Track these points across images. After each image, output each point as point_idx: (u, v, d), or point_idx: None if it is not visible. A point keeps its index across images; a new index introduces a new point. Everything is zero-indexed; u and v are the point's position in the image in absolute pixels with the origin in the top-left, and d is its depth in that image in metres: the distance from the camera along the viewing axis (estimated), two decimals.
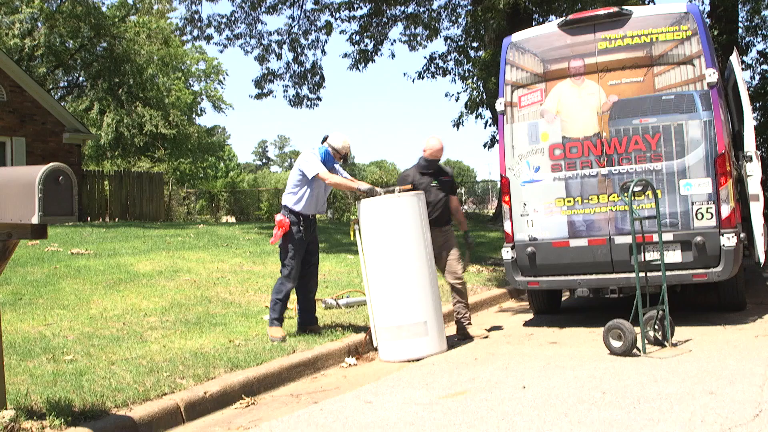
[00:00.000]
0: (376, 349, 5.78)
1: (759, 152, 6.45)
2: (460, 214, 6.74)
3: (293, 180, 6.05)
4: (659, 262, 5.57)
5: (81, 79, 32.04)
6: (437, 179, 6.47)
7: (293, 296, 6.27)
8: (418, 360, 5.51)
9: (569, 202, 6.50)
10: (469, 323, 6.47)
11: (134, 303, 7.18)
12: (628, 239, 6.01)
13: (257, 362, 4.95)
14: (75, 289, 7.76)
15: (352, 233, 6.13)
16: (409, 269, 5.69)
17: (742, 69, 6.91)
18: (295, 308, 6.42)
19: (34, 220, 3.25)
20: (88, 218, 20.52)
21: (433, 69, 20.69)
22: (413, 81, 18.31)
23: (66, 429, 3.55)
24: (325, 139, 6.12)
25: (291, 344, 5.51)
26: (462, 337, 6.39)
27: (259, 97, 19.25)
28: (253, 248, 11.79)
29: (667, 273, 5.84)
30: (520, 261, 6.69)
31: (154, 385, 4.28)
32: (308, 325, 6.11)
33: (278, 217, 5.98)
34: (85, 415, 3.75)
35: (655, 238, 5.86)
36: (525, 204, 6.69)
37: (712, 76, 6.06)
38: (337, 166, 6.20)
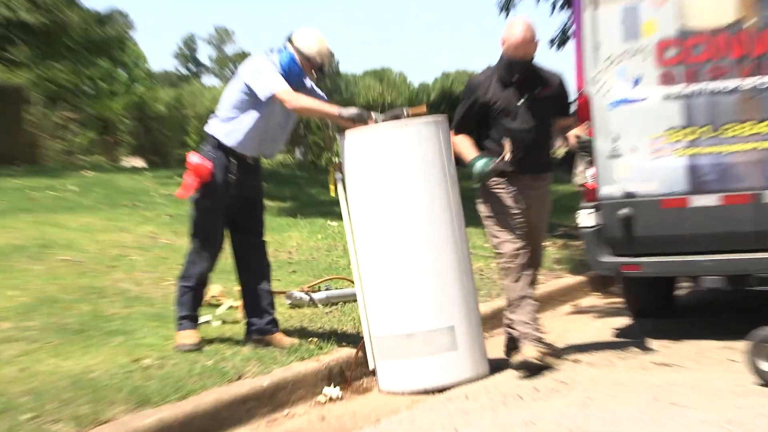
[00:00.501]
0: (373, 373, 5.80)
1: None
2: (569, 130, 6.63)
3: (232, 99, 6.06)
4: None
5: None
6: (530, 93, 6.21)
7: (236, 287, 6.28)
8: (441, 391, 5.52)
9: (690, 134, 6.48)
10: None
11: None
12: None
13: (179, 395, 4.94)
14: None
15: (332, 186, 6.11)
16: (425, 244, 5.68)
17: None
18: (241, 307, 6.44)
19: None
20: None
21: None
22: None
23: None
24: (289, 41, 6.09)
25: (236, 365, 5.51)
26: (514, 354, 6.30)
27: None
28: (173, 209, 11.77)
29: None
30: (610, 231, 6.70)
31: None
32: (263, 333, 6.13)
33: (194, 158, 5.95)
34: None
35: None
36: (617, 138, 6.68)
37: None
38: (307, 82, 6.20)
